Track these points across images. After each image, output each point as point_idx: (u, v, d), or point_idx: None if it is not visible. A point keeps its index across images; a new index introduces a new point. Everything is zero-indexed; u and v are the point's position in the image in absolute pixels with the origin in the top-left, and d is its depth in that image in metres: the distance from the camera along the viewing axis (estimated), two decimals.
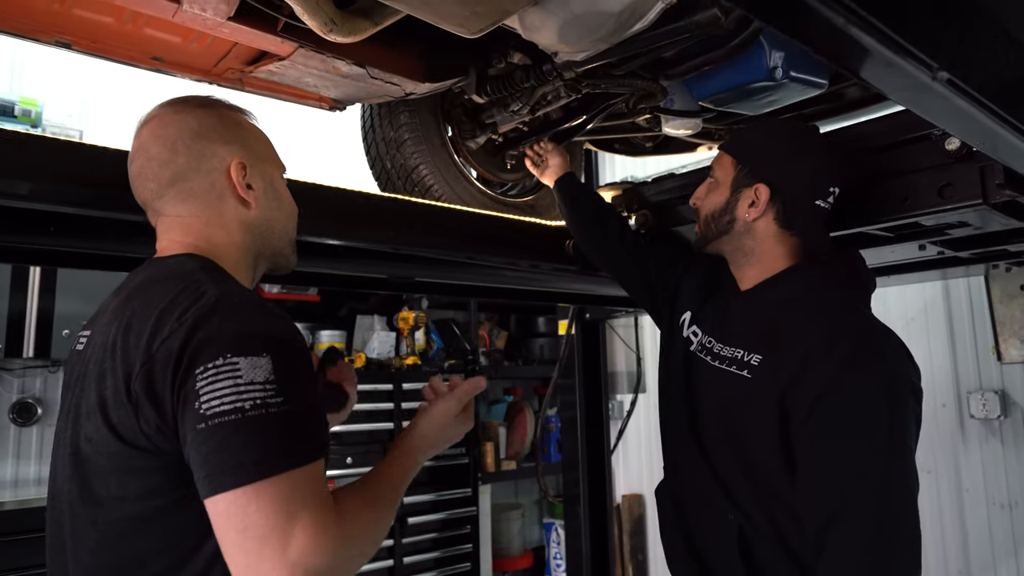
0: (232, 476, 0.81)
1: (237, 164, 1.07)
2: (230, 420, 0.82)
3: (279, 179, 1.16)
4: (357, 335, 3.94)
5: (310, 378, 0.94)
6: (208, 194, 1.05)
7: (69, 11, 1.44)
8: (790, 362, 1.22)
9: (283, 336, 0.92)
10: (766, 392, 1.24)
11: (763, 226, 1.37)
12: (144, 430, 0.87)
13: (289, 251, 1.18)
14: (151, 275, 1.00)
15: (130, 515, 0.88)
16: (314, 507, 0.83)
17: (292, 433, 0.86)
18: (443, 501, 3.71)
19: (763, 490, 1.25)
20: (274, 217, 1.13)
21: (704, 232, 1.46)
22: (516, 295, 2.70)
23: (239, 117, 1.15)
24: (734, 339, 1.37)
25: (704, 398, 1.39)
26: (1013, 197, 1.31)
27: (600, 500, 3.51)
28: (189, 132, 1.06)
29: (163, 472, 0.87)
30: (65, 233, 1.51)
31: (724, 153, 1.45)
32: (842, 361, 1.17)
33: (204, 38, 1.56)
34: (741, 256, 1.42)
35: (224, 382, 0.83)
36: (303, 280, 2.04)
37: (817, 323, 1.25)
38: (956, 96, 0.87)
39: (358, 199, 1.64)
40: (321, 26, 1.32)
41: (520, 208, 2.27)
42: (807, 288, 1.33)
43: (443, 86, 1.75)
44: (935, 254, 1.84)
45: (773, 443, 1.21)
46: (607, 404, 3.56)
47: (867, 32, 0.74)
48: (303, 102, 1.90)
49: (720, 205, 1.41)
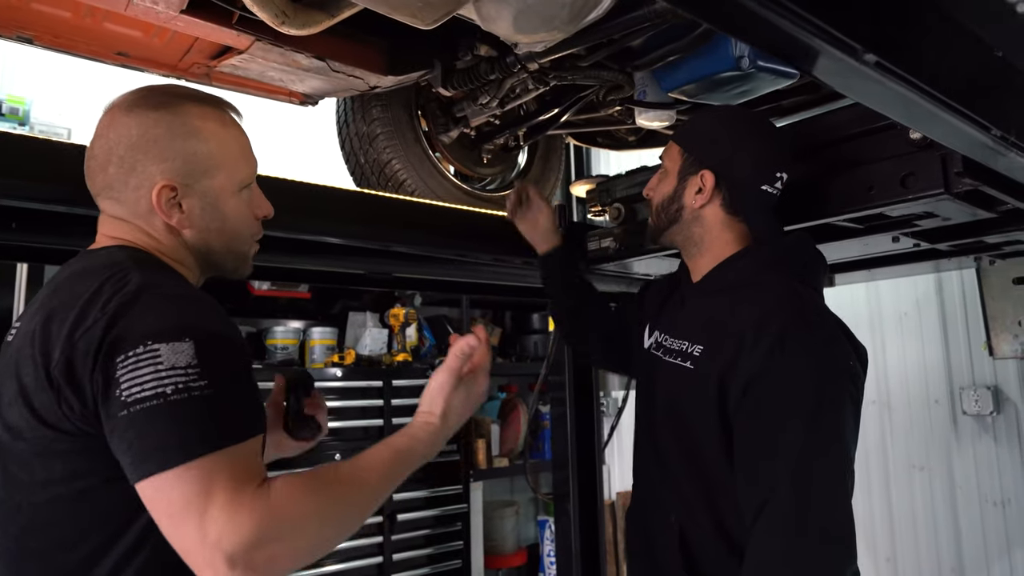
0: (155, 461, 0.81)
1: (161, 188, 1.01)
2: (152, 406, 0.82)
3: (228, 196, 1.08)
4: (349, 332, 3.94)
5: (240, 363, 0.93)
6: (136, 207, 1.03)
7: (27, 5, 1.45)
8: (726, 349, 1.21)
9: (208, 325, 0.91)
10: (705, 381, 1.23)
11: (710, 213, 1.37)
12: (66, 414, 0.87)
13: (235, 264, 1.14)
14: (81, 266, 1.00)
15: (56, 497, 0.88)
16: (232, 487, 0.82)
17: (216, 415, 0.85)
18: (434, 498, 3.70)
19: (706, 485, 1.24)
20: (211, 237, 1.08)
21: (656, 223, 1.46)
22: (505, 291, 2.69)
23: (199, 122, 1.05)
24: (681, 331, 1.37)
25: (657, 394, 1.39)
26: (975, 186, 1.29)
27: (591, 498, 3.48)
28: (126, 142, 1.01)
29: (87, 454, 0.87)
30: (28, 229, 1.52)
31: (672, 142, 1.45)
32: (771, 345, 1.16)
33: (165, 32, 1.56)
34: (692, 245, 1.41)
35: (145, 368, 0.83)
36: (264, 275, 2.04)
37: (753, 307, 1.23)
38: (889, 80, 0.85)
39: (321, 193, 1.63)
40: (272, 18, 1.31)
41: (497, 203, 2.26)
42: (750, 273, 1.32)
43: (408, 79, 1.75)
44: (911, 246, 1.81)
45: (714, 434, 1.21)
46: (598, 401, 3.53)
47: (782, 15, 0.73)
48: (273, 97, 1.90)
49: (668, 194, 1.41)
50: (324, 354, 3.63)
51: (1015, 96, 1.12)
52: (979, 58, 1.04)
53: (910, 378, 3.26)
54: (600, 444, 3.64)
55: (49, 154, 1.36)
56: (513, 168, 2.39)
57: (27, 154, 1.37)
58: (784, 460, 1.10)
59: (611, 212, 2.00)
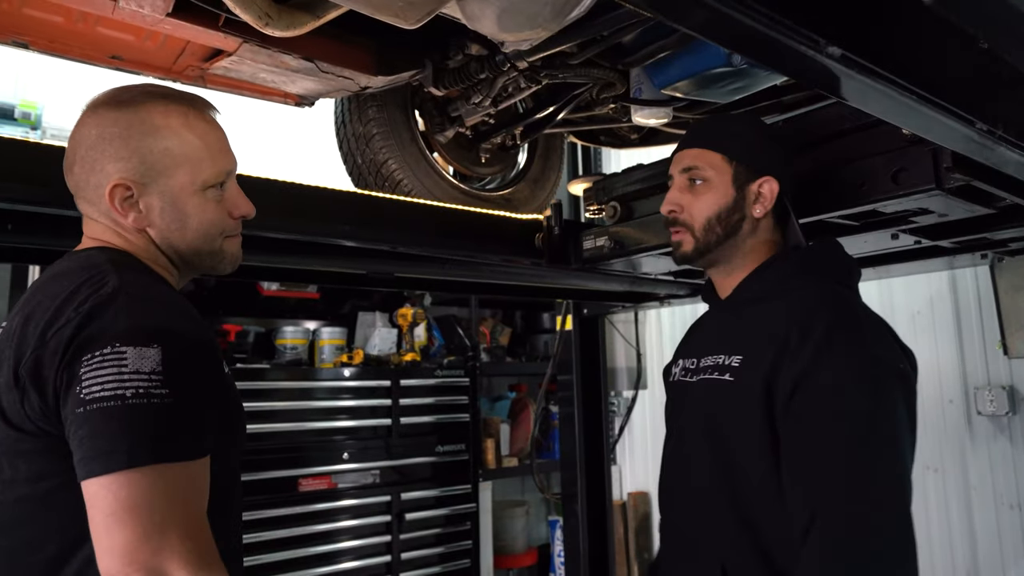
0: (103, 462, 0.81)
1: (114, 187, 1.00)
2: (108, 406, 0.82)
3: (189, 194, 1.05)
4: (359, 332, 3.96)
5: (207, 375, 0.93)
6: (99, 205, 1.03)
7: (19, 11, 1.47)
8: (769, 352, 1.17)
9: (181, 330, 0.91)
10: (750, 390, 1.18)
11: (765, 222, 1.33)
12: (28, 414, 0.88)
13: (210, 262, 1.12)
14: (61, 268, 1.01)
15: (22, 497, 0.90)
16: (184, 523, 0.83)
17: (172, 426, 0.85)
18: (442, 497, 3.71)
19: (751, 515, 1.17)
20: (174, 237, 1.06)
21: (705, 239, 1.33)
22: (512, 291, 2.68)
23: (160, 120, 1.03)
24: (715, 347, 1.31)
25: (691, 418, 1.32)
26: (967, 181, 1.26)
27: (599, 499, 3.47)
28: (87, 142, 1.02)
29: (48, 455, 0.88)
30: (23, 231, 1.54)
31: (706, 151, 1.34)
32: (817, 344, 1.12)
33: (157, 36, 1.58)
34: (739, 259, 1.34)
35: (108, 369, 0.83)
36: (270, 276, 2.05)
37: (794, 310, 1.20)
38: (856, 73, 0.84)
39: (311, 193, 1.64)
40: (255, 20, 1.31)
41: (495, 202, 2.25)
42: (787, 278, 1.29)
43: (399, 79, 1.75)
44: (913, 243, 1.77)
45: (761, 446, 1.15)
46: (606, 401, 3.52)
47: (737, 9, 0.72)
48: (268, 98, 1.90)
49: (726, 204, 1.31)
50: (333, 354, 3.65)
51: (1003, 89, 1.09)
52: (961, 50, 1.01)
53: (924, 378, 3.16)
54: (609, 444, 3.63)
55: (45, 157, 1.39)
56: (513, 167, 2.38)
57: (27, 157, 1.39)
58: (834, 472, 1.06)
59: (607, 210, 1.99)
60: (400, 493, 3.53)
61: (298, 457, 3.25)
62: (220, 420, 0.95)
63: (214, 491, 0.92)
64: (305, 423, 3.29)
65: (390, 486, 3.51)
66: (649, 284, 2.60)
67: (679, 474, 1.35)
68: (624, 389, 4.30)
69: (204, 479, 0.89)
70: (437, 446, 3.73)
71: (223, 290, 3.52)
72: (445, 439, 3.76)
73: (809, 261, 1.31)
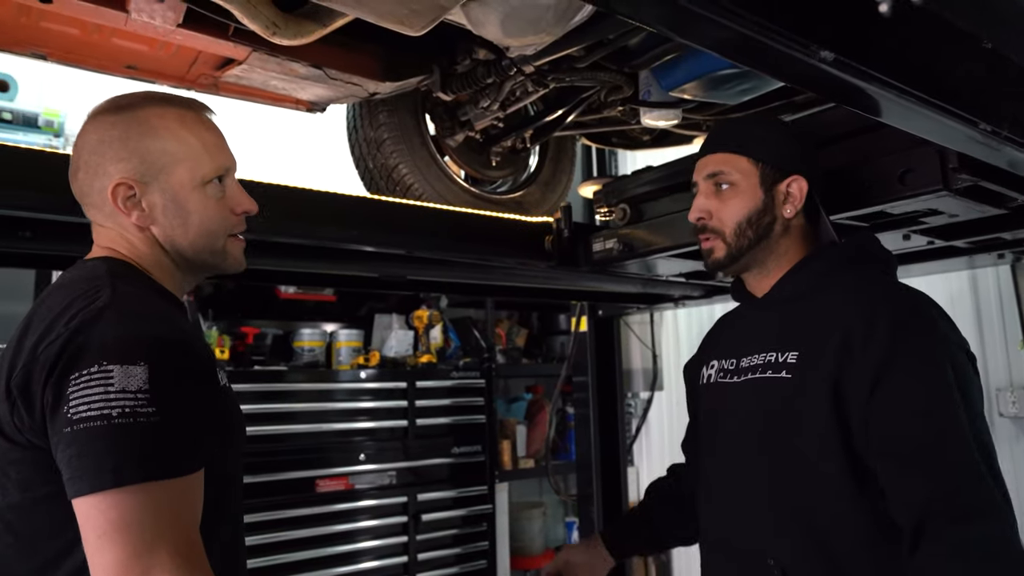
0: (90, 481, 0.82)
1: (116, 186, 1.03)
2: (95, 426, 0.83)
3: (189, 190, 1.07)
4: (376, 334, 3.99)
5: (196, 390, 0.94)
6: (104, 209, 1.05)
7: (36, 24, 1.51)
8: (832, 348, 1.14)
9: (169, 346, 0.92)
10: (813, 387, 1.15)
11: (797, 221, 1.32)
12: (17, 426, 0.89)
13: (213, 260, 1.13)
14: (67, 278, 1.03)
15: (13, 504, 0.91)
16: (174, 539, 0.84)
17: (158, 444, 0.86)
18: (459, 498, 3.72)
19: (816, 517, 1.14)
20: (176, 234, 1.07)
21: (737, 244, 1.30)
22: (524, 293, 2.69)
23: (156, 120, 1.06)
24: (760, 346, 1.28)
25: (739, 419, 1.28)
26: (974, 182, 1.24)
27: (615, 500, 3.47)
28: (89, 147, 1.05)
29: (35, 467, 0.89)
30: (42, 238, 1.58)
31: (731, 155, 1.32)
32: (891, 332, 1.11)
33: (170, 46, 1.61)
34: (773, 260, 1.32)
35: (95, 389, 0.84)
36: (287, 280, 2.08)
37: (850, 302, 1.19)
38: (850, 76, 0.83)
39: (322, 199, 1.66)
40: (263, 29, 1.34)
41: (506, 204, 2.26)
42: (826, 273, 1.27)
43: (408, 85, 1.76)
44: (925, 244, 1.75)
45: (832, 442, 1.12)
46: (622, 403, 3.51)
47: (732, 20, 0.72)
48: (280, 104, 1.93)
49: (756, 207, 1.29)
50: (350, 356, 3.69)
51: (1008, 88, 1.08)
52: (962, 51, 1.00)
53: None
54: (625, 445, 3.63)
55: (59, 166, 1.42)
56: (524, 170, 2.39)
57: (41, 166, 1.43)
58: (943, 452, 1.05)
59: (617, 213, 1.99)
60: (416, 494, 3.55)
61: (315, 458, 3.28)
62: (212, 431, 0.96)
63: (209, 501, 0.93)
64: (321, 424, 3.32)
65: (406, 487, 3.54)
66: (662, 286, 2.59)
67: (731, 484, 1.29)
68: (640, 390, 4.29)
69: (195, 494, 0.90)
70: (453, 447, 3.74)
71: (242, 294, 3.56)
72: (461, 440, 3.77)
73: (850, 254, 1.30)
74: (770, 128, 1.36)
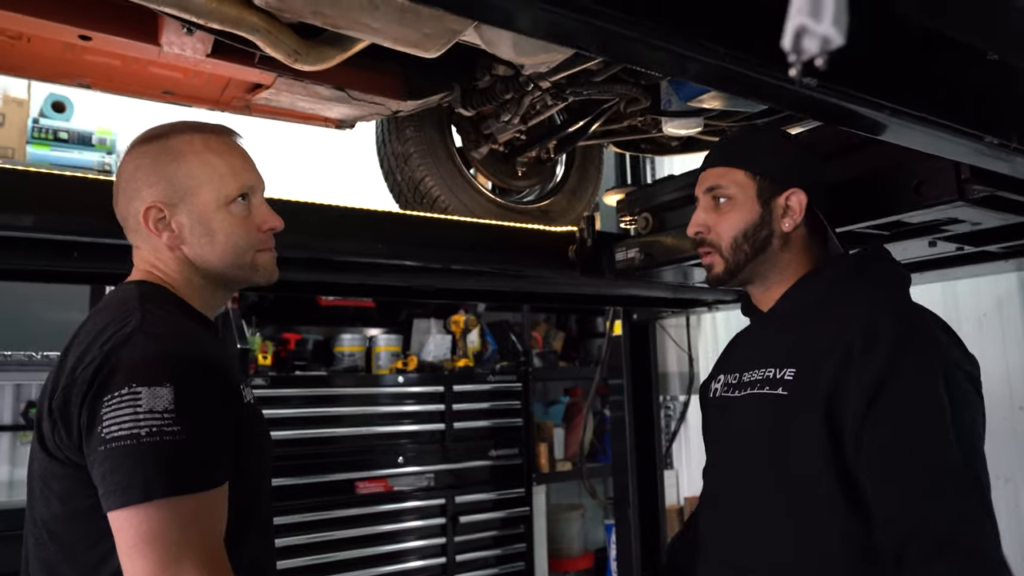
0: (121, 496, 0.90)
1: (147, 209, 1.10)
2: (125, 445, 0.90)
3: (214, 210, 1.13)
4: (415, 338, 4.07)
5: (219, 407, 1.00)
6: (140, 231, 1.13)
7: (80, 57, 1.60)
8: (829, 365, 1.13)
9: (193, 366, 0.98)
10: (808, 404, 1.14)
11: (798, 235, 1.30)
12: (58, 443, 0.97)
13: (244, 274, 1.18)
14: (106, 301, 1.11)
15: (56, 515, 0.99)
16: (200, 550, 0.90)
17: (184, 461, 0.92)
18: (496, 501, 3.77)
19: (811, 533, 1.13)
20: (205, 252, 1.14)
21: (734, 258, 1.30)
22: (553, 299, 2.71)
23: (183, 147, 1.13)
24: (761, 361, 1.27)
25: (738, 434, 1.28)
26: (990, 192, 1.22)
27: (651, 503, 3.46)
28: (126, 175, 1.13)
29: (73, 480, 0.97)
30: (87, 258, 1.68)
31: (729, 168, 1.31)
32: (891, 350, 1.09)
33: (202, 73, 1.69)
34: (775, 274, 1.31)
35: (125, 410, 0.91)
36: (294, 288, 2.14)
37: (852, 319, 1.17)
38: (838, 100, 0.84)
39: (345, 214, 1.72)
40: (286, 56, 1.41)
41: (532, 214, 2.29)
42: (831, 288, 1.26)
43: (430, 102, 1.81)
44: (954, 250, 1.72)
45: (825, 460, 1.11)
46: (658, 406, 3.50)
47: (691, 50, 0.74)
48: (310, 123, 2.00)
49: (753, 221, 1.28)
50: (389, 360, 3.77)
51: (1016, 99, 1.06)
52: (963, 64, 0.99)
53: (992, 383, 3.05)
54: (661, 449, 3.61)
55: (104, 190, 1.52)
56: (550, 180, 2.42)
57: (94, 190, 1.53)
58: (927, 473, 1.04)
59: (640, 221, 2.00)
60: (454, 496, 3.62)
61: (354, 460, 3.38)
62: (235, 447, 1.02)
63: (236, 512, 1.00)
64: (361, 427, 3.42)
65: (444, 489, 3.60)
66: (693, 291, 2.59)
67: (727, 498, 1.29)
68: (677, 393, 4.27)
69: (219, 506, 0.97)
70: (491, 450, 3.79)
71: (284, 302, 3.69)
72: (499, 443, 3.82)
73: (855, 269, 1.28)
74: (770, 141, 1.34)
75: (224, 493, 0.98)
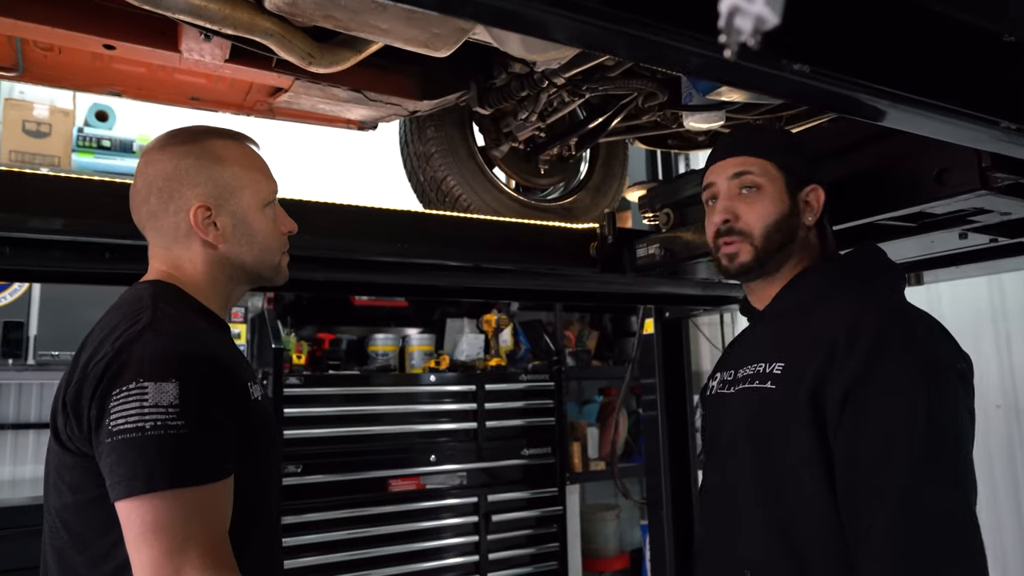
0: (127, 486, 0.93)
1: (197, 209, 1.14)
2: (131, 437, 0.93)
3: (254, 212, 1.20)
4: (448, 338, 4.10)
5: (223, 404, 1.03)
6: (176, 232, 1.16)
7: (108, 66, 1.66)
8: (816, 359, 1.14)
9: (199, 363, 1.01)
10: (793, 397, 1.14)
11: (812, 232, 1.31)
12: (70, 435, 1.01)
13: (270, 274, 1.24)
14: (121, 299, 1.15)
15: (68, 505, 1.03)
16: (204, 541, 0.93)
17: (187, 454, 0.95)
18: (529, 499, 3.77)
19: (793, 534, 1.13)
20: (243, 251, 1.19)
21: (765, 248, 1.27)
22: (579, 297, 2.70)
23: (222, 151, 1.18)
24: (753, 356, 1.28)
25: (729, 430, 1.28)
26: (1015, 180, 1.18)
27: (685, 503, 3.41)
28: (163, 175, 1.15)
29: (83, 471, 1.01)
30: (117, 259, 1.74)
31: (757, 159, 1.29)
32: (869, 347, 1.09)
33: (225, 78, 1.74)
34: (788, 268, 1.30)
35: (132, 404, 0.94)
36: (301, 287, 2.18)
37: (840, 313, 1.17)
38: (836, 87, 0.82)
39: (363, 215, 1.75)
40: (300, 60, 1.44)
41: (555, 211, 2.29)
42: (824, 286, 1.26)
43: (446, 101, 1.82)
44: (987, 242, 1.66)
45: (808, 456, 1.11)
46: (691, 405, 3.45)
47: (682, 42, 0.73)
48: (332, 125, 2.04)
49: (783, 211, 1.27)
50: (422, 359, 3.81)
51: None
52: (976, 47, 0.95)
53: None
54: (695, 448, 3.56)
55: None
56: (574, 177, 2.41)
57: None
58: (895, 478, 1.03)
59: (661, 217, 1.98)
60: (487, 495, 3.63)
61: (387, 459, 3.42)
62: (241, 442, 1.04)
63: (242, 508, 1.02)
64: (393, 426, 3.45)
65: (477, 488, 3.62)
66: (724, 288, 2.55)
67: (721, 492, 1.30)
68: None
69: (222, 500, 0.99)
70: (524, 449, 3.80)
71: (319, 302, 3.75)
72: (531, 442, 3.82)
73: (849, 267, 1.29)
74: (787, 137, 1.36)
75: (229, 487, 1.00)
